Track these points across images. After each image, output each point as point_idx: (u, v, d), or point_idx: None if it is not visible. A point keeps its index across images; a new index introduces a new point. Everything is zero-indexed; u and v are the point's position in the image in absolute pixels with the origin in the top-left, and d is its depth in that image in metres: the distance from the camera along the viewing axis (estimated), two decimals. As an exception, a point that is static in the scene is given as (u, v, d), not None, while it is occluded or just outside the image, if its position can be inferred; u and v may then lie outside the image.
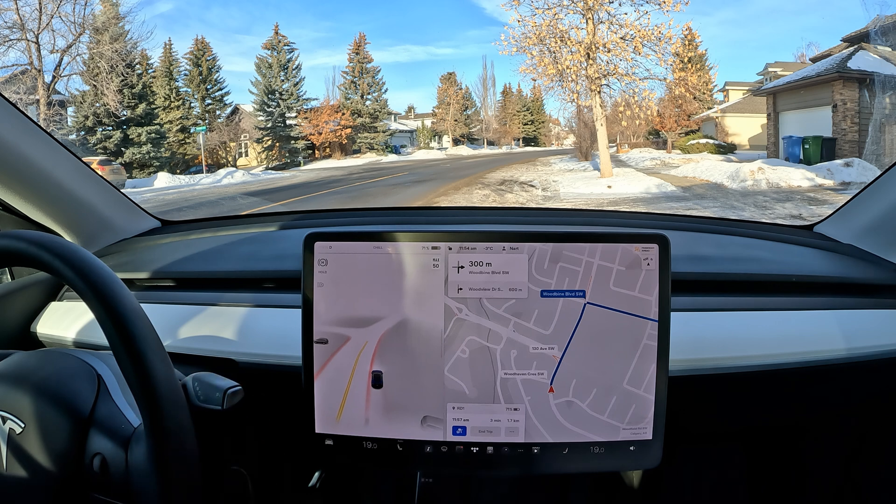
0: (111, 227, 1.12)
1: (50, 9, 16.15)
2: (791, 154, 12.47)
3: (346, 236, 0.62)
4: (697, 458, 0.98)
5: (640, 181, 10.70)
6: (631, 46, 12.78)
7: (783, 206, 7.93)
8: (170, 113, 21.04)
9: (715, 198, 8.93)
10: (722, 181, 10.29)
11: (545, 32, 13.11)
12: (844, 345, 0.77)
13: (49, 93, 16.43)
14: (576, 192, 10.21)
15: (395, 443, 0.62)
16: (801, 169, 10.12)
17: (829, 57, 13.26)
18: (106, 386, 0.62)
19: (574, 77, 13.19)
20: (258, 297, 0.89)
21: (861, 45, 11.99)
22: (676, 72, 14.14)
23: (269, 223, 1.20)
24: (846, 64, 11.68)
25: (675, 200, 8.95)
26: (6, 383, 0.59)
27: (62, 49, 16.59)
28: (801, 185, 9.39)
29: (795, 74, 13.83)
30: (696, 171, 11.91)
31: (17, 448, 0.56)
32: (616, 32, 12.80)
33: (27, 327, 0.96)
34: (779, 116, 14.16)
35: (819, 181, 9.46)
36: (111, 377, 0.64)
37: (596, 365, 0.60)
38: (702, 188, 10.02)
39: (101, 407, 0.60)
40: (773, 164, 10.76)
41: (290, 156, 22.83)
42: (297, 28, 36.58)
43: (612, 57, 12.97)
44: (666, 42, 12.71)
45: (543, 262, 0.60)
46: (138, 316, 0.46)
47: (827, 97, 12.16)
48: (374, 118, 24.85)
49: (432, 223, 1.21)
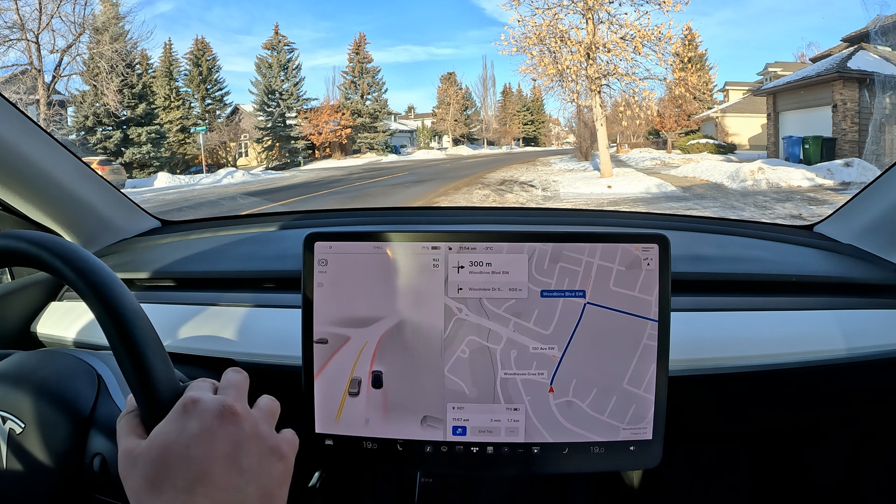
0: (111, 227, 1.12)
1: (50, 9, 16.11)
2: (791, 154, 12.47)
3: (346, 236, 0.61)
4: (697, 458, 0.98)
5: (641, 181, 10.72)
6: (631, 46, 12.78)
7: (783, 206, 7.97)
8: (170, 113, 21.05)
9: (715, 198, 8.94)
10: (722, 181, 10.31)
11: (545, 32, 13.10)
12: (844, 345, 0.77)
13: (49, 93, 16.40)
14: (576, 192, 10.23)
15: (395, 443, 0.62)
16: (801, 169, 10.14)
17: (829, 57, 13.26)
18: (106, 386, 0.63)
19: (574, 77, 13.18)
20: (258, 297, 0.89)
21: (861, 45, 12.00)
22: (676, 72, 14.13)
23: (269, 223, 1.21)
24: (846, 64, 11.69)
25: (675, 200, 8.97)
26: (6, 383, 0.59)
27: (62, 49, 16.56)
28: (800, 185, 9.40)
29: (795, 74, 13.84)
30: (696, 171, 11.94)
31: (18, 448, 0.56)
32: (616, 32, 12.78)
33: (27, 327, 0.96)
34: (779, 116, 14.17)
35: (819, 181, 9.46)
36: (111, 377, 0.64)
37: (596, 365, 0.60)
38: (702, 188, 10.03)
39: (102, 407, 0.60)
40: (773, 164, 10.76)
41: (291, 156, 22.85)
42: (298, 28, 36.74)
43: (612, 57, 12.96)
44: (666, 42, 12.71)
45: (543, 262, 0.60)
46: (138, 316, 0.45)
47: (827, 97, 12.17)
48: (374, 118, 24.89)
49: (432, 223, 1.21)
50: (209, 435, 0.39)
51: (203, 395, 0.41)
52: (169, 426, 0.40)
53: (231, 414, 0.40)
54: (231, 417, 0.40)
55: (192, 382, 0.46)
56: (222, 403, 0.40)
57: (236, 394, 0.43)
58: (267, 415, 0.44)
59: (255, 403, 0.44)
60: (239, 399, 0.43)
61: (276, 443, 0.42)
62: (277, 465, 0.41)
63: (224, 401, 0.41)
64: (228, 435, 0.39)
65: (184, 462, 0.37)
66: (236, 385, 0.44)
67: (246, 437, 0.40)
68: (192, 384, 0.45)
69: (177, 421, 0.40)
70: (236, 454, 0.39)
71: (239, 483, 0.38)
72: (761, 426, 0.90)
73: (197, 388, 0.43)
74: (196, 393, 0.42)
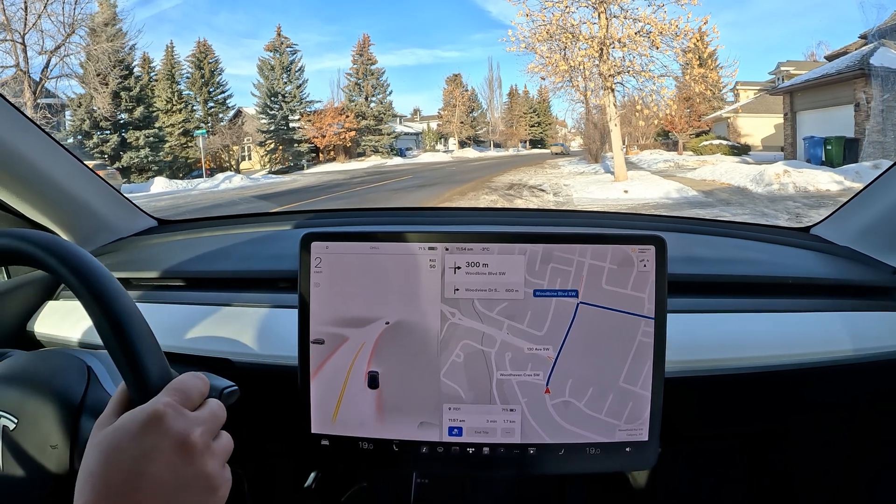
0: (108, 226, 1.14)
1: (37, 7, 15.65)
2: (812, 155, 12.26)
3: (343, 236, 0.63)
4: (695, 459, 0.99)
5: (658, 185, 10.43)
6: (648, 41, 12.44)
7: (818, 213, 7.30)
8: (172, 116, 21.21)
9: (742, 203, 8.54)
10: (745, 185, 9.99)
11: (555, 28, 12.87)
12: (841, 347, 0.78)
13: (36, 96, 15.98)
14: (590, 198, 9.90)
15: (391, 443, 0.63)
16: (828, 172, 9.78)
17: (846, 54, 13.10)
18: (96, 375, 0.64)
19: (587, 74, 12.92)
20: (255, 297, 0.91)
21: (881, 42, 11.85)
22: (696, 68, 13.75)
23: (266, 223, 1.23)
24: (868, 60, 11.52)
25: (698, 207, 8.56)
26: None
27: (50, 50, 16.17)
28: (829, 189, 9.01)
29: (814, 72, 13.66)
30: (714, 174, 11.64)
31: (12, 445, 0.57)
32: (631, 27, 12.51)
33: (23, 326, 0.98)
34: (796, 116, 14.00)
35: (848, 184, 9.04)
36: (102, 369, 0.65)
37: (591, 364, 0.61)
38: (725, 193, 9.68)
39: (92, 395, 0.61)
40: (796, 166, 10.44)
41: (294, 159, 22.97)
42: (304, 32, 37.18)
43: (628, 52, 12.64)
44: (683, 37, 12.36)
45: (535, 263, 0.61)
46: (135, 315, 0.46)
47: (848, 95, 11.97)
48: (378, 120, 24.99)
49: (430, 224, 1.23)
50: (158, 459, 0.40)
51: (172, 417, 0.41)
52: (129, 425, 0.41)
53: (188, 449, 0.41)
54: (186, 453, 0.41)
55: (184, 376, 0.46)
56: (186, 436, 0.41)
57: (207, 429, 0.43)
58: (223, 455, 0.44)
59: (217, 438, 0.45)
60: (206, 433, 0.43)
61: (218, 484, 0.43)
62: (208, 501, 0.42)
63: (189, 433, 0.41)
64: (176, 468, 0.40)
65: (126, 470, 0.39)
66: (211, 418, 0.44)
67: (192, 475, 0.41)
68: (182, 379, 0.46)
69: (138, 427, 0.40)
70: (175, 489, 0.40)
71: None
72: (757, 427, 0.91)
73: (178, 395, 0.44)
74: (171, 408, 0.42)
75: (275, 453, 0.89)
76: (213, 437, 0.44)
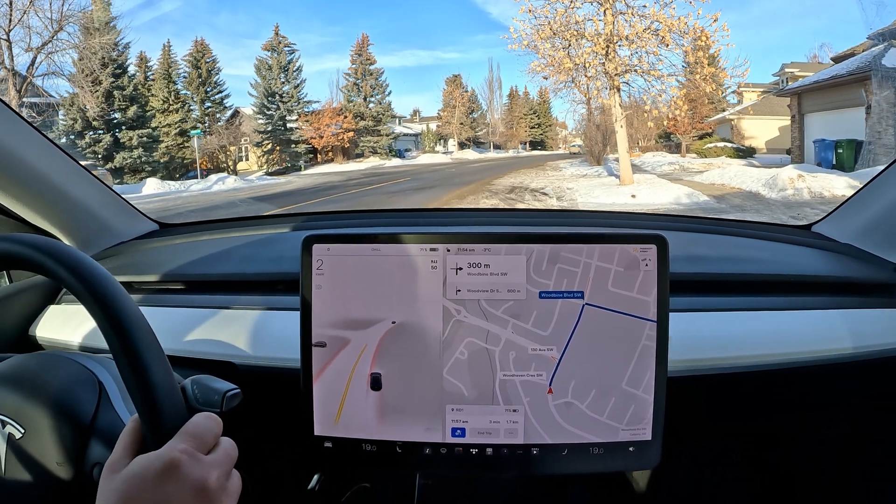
0: (109, 230, 1.15)
1: (23, 2, 15.27)
2: (823, 158, 12.11)
3: (345, 238, 0.64)
4: (697, 458, 1.00)
5: (667, 189, 10.19)
6: (657, 38, 11.99)
7: None
8: (168, 116, 21.17)
9: (758, 210, 8.36)
10: (758, 189, 9.77)
11: (559, 24, 12.54)
12: (843, 344, 0.79)
13: (21, 94, 15.62)
14: (596, 203, 9.69)
15: (394, 445, 0.64)
16: (843, 176, 9.57)
17: (854, 56, 13.04)
18: (107, 393, 0.64)
19: (593, 72, 12.66)
20: (257, 300, 0.92)
21: (892, 43, 11.81)
22: (706, 67, 13.44)
23: (267, 226, 1.25)
24: (881, 62, 11.44)
25: (713, 213, 8.26)
26: (5, 386, 0.61)
27: (37, 47, 15.78)
28: (845, 195, 8.79)
29: (824, 73, 13.57)
30: (723, 178, 11.44)
31: (17, 453, 0.57)
32: (638, 23, 12.18)
33: (25, 331, 0.99)
34: (804, 118, 13.93)
35: None
36: (112, 384, 0.66)
37: (595, 366, 0.62)
38: (737, 198, 9.45)
39: (103, 416, 0.62)
40: (806, 170, 10.23)
41: (291, 160, 22.94)
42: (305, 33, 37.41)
43: (636, 49, 12.21)
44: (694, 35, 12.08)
45: (542, 263, 0.62)
46: (137, 319, 0.46)
47: (858, 97, 11.85)
48: (377, 121, 24.98)
49: (431, 225, 1.24)
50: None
51: (189, 464, 0.43)
52: (146, 473, 0.42)
53: (206, 495, 0.43)
54: (205, 499, 0.43)
55: (197, 418, 0.47)
56: (204, 483, 0.43)
57: (222, 471, 0.45)
58: (236, 494, 0.46)
59: (230, 477, 0.47)
60: (223, 476, 0.45)
61: None
62: None
63: (206, 480, 0.43)
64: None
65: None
66: (226, 460, 0.46)
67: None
68: (196, 422, 0.47)
69: (155, 476, 0.42)
70: None
71: None
72: (759, 426, 0.92)
73: (193, 441, 0.45)
74: (187, 454, 0.44)
75: (278, 456, 0.90)
76: (227, 478, 0.46)
